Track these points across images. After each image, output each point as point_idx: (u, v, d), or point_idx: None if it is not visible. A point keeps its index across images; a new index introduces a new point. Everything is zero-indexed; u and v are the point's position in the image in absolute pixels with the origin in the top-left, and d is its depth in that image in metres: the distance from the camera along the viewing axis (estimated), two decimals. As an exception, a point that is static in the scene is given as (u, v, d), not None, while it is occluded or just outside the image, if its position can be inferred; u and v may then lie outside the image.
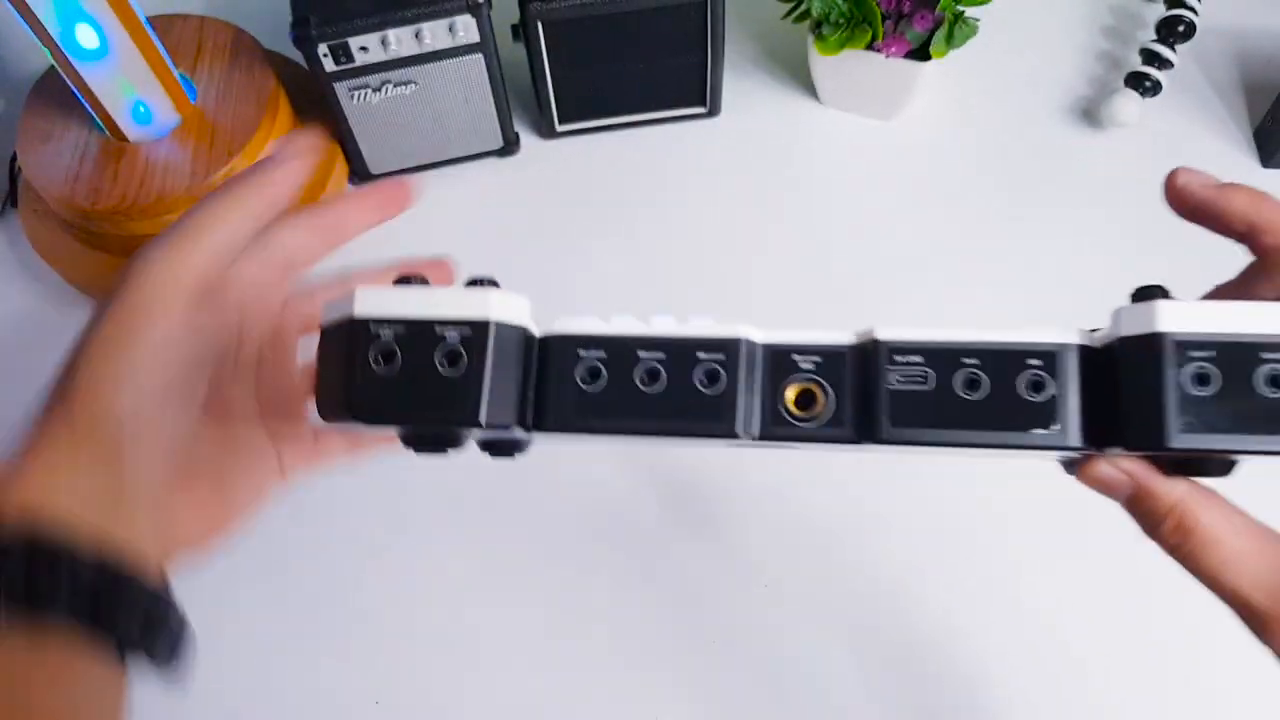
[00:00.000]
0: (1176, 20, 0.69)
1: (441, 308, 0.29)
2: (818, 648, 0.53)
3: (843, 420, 0.28)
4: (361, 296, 0.29)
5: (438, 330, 0.28)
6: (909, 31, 0.64)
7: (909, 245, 0.66)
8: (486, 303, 0.29)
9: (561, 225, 0.68)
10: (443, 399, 0.28)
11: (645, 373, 0.29)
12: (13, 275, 0.66)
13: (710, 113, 0.72)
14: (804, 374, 0.29)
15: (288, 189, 0.34)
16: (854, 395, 0.28)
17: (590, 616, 0.54)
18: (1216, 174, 0.75)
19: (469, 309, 0.29)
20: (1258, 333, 0.25)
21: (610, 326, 0.30)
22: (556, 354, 0.30)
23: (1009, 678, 0.51)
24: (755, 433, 0.29)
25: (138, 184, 0.59)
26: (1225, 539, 0.26)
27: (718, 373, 0.28)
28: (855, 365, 0.29)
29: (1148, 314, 0.26)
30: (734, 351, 0.29)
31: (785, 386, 0.29)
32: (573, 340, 0.30)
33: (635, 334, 0.29)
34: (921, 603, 0.54)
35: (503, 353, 0.28)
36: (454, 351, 0.28)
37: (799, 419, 0.29)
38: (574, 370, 0.29)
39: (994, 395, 0.27)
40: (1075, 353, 0.27)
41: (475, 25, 0.60)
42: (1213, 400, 0.25)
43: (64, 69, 0.57)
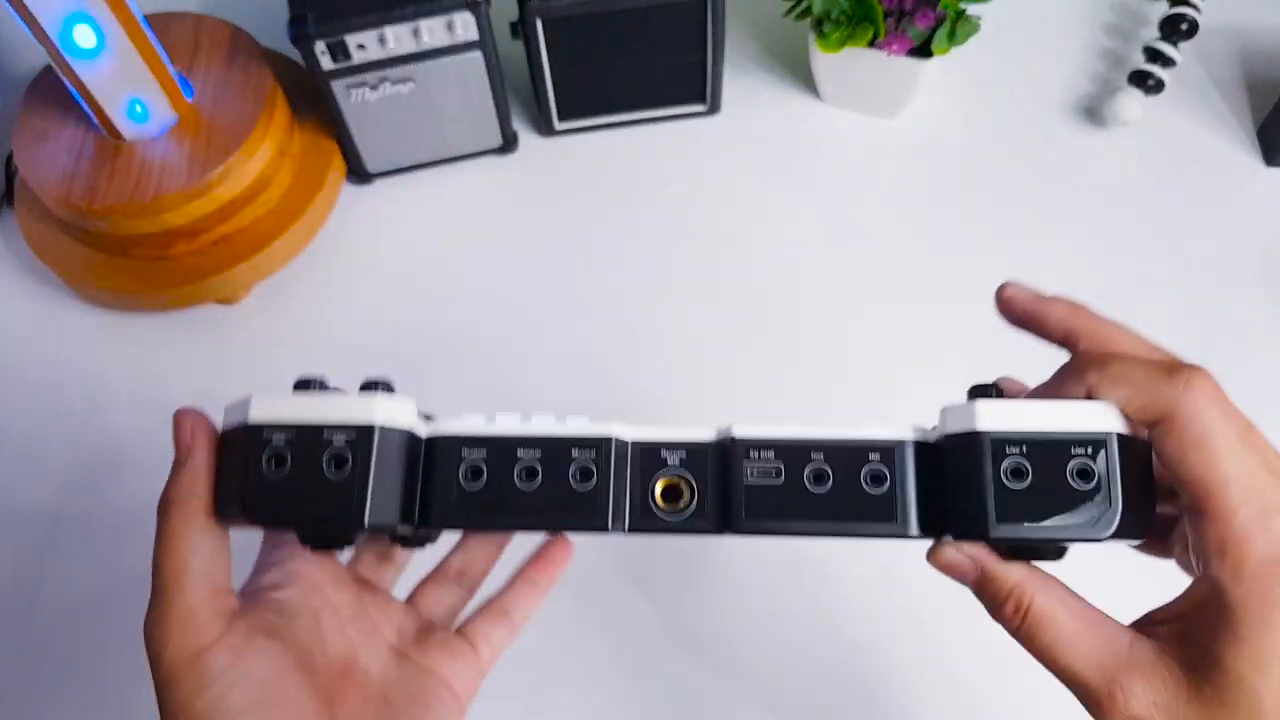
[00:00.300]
0: (1179, 18, 0.69)
1: (329, 413, 0.30)
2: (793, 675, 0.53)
3: (705, 512, 0.31)
4: (258, 403, 0.31)
5: (325, 435, 0.30)
6: (911, 29, 0.63)
7: (910, 243, 0.66)
8: (371, 408, 0.30)
9: (560, 223, 0.68)
10: (329, 501, 0.30)
11: (523, 470, 0.31)
12: (9, 274, 0.66)
13: (710, 110, 0.71)
14: (671, 469, 0.31)
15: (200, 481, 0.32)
16: (715, 488, 0.31)
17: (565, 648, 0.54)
18: (1219, 173, 0.75)
19: (354, 414, 0.30)
20: (1067, 430, 0.28)
21: (493, 426, 0.32)
22: (441, 454, 0.31)
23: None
24: (625, 526, 0.31)
25: (134, 183, 0.59)
26: (1059, 619, 0.28)
27: (590, 470, 0.31)
28: (716, 460, 0.31)
29: (969, 413, 0.28)
30: (605, 449, 0.31)
31: (654, 481, 0.31)
32: (456, 441, 0.31)
33: (514, 434, 0.31)
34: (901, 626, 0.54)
35: (386, 456, 0.30)
36: (340, 455, 0.30)
37: (665, 512, 0.31)
38: (457, 470, 0.31)
39: (838, 488, 0.30)
40: (910, 448, 0.30)
41: (474, 22, 0.60)
42: (1027, 493, 0.28)
43: (60, 67, 0.56)
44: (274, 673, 0.31)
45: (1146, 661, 0.27)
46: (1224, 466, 0.27)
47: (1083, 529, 0.28)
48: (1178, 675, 0.27)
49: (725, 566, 0.55)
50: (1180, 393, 0.27)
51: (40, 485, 0.58)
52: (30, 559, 0.56)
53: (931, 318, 0.63)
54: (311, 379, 0.32)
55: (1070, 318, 0.31)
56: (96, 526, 0.57)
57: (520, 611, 0.39)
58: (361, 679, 0.34)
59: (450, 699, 0.36)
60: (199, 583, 0.31)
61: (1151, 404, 0.27)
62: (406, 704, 0.35)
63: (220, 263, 0.61)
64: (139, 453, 0.59)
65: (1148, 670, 0.27)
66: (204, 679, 0.30)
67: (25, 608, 0.55)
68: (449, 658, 0.37)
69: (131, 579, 0.55)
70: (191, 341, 0.63)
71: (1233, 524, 0.26)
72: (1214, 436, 0.27)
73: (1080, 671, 0.28)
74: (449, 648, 0.37)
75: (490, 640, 0.38)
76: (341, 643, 0.35)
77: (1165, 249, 0.66)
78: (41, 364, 0.63)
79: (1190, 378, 0.27)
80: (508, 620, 0.39)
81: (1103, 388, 0.28)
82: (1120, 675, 0.27)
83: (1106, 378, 0.28)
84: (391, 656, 0.36)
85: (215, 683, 0.30)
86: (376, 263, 0.67)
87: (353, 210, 0.68)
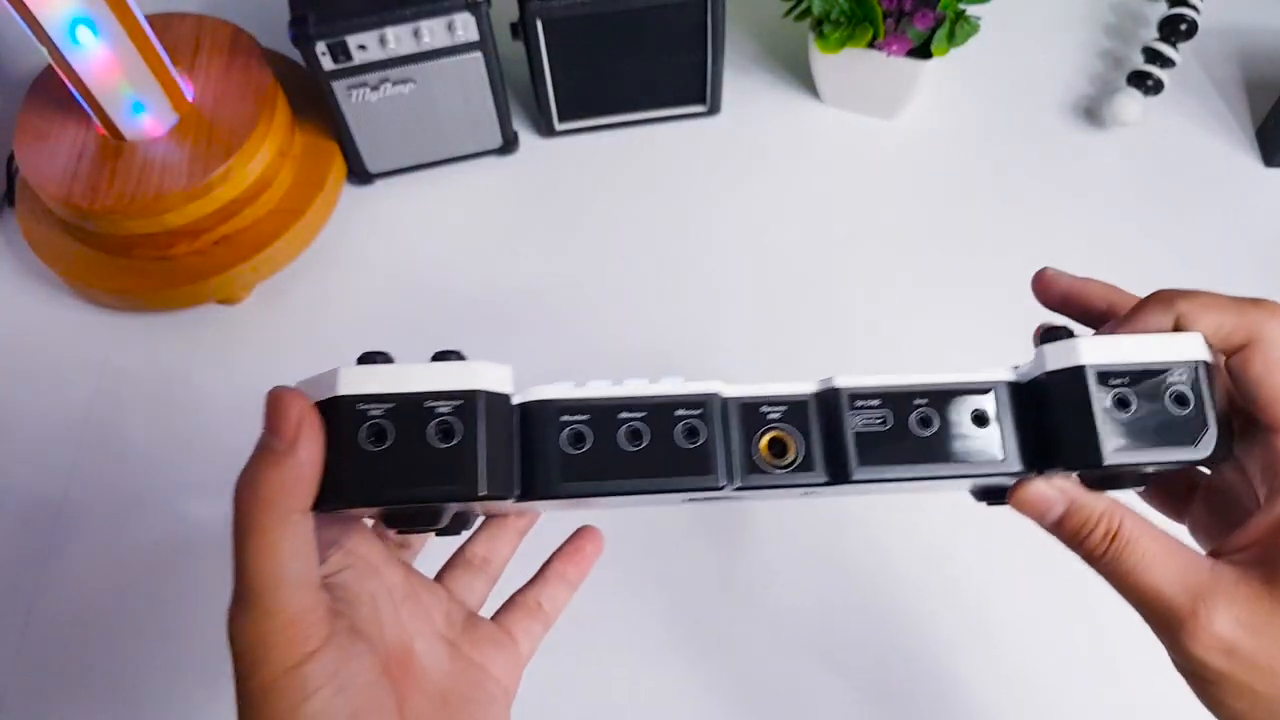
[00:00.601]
0: (1178, 19, 0.69)
1: (429, 381, 0.28)
2: (805, 659, 0.53)
3: (812, 464, 0.31)
4: (345, 375, 0.28)
5: (428, 404, 0.28)
6: (910, 30, 0.63)
7: (910, 244, 0.66)
8: (475, 373, 0.29)
9: (561, 224, 0.68)
10: (440, 474, 0.28)
11: (628, 432, 0.30)
12: (9, 274, 0.66)
13: (710, 111, 0.71)
14: (774, 424, 0.31)
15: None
16: (822, 440, 0.31)
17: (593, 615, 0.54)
18: (1219, 174, 0.76)
19: (457, 380, 0.29)
20: (1162, 359, 0.29)
21: (588, 390, 0.30)
22: (538, 420, 0.30)
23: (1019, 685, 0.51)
24: (736, 482, 0.30)
25: (135, 183, 0.59)
26: (1146, 541, 0.29)
27: (697, 429, 0.30)
28: (820, 413, 0.31)
29: (1072, 349, 0.29)
30: (711, 406, 0.30)
31: (759, 437, 0.31)
32: (554, 406, 0.30)
33: (617, 396, 0.30)
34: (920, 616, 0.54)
35: (493, 423, 0.29)
36: (446, 425, 0.28)
37: (772, 466, 0.31)
38: (559, 435, 0.30)
39: (944, 431, 0.30)
40: (1007, 388, 0.31)
41: (474, 23, 0.60)
42: (1133, 421, 0.29)
43: (61, 68, 0.56)
44: (372, 675, 0.30)
45: (1229, 582, 0.28)
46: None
47: (1186, 451, 0.29)
48: (1260, 593, 0.28)
49: (769, 524, 0.55)
50: (1266, 317, 0.29)
51: (42, 484, 0.58)
52: (32, 558, 0.56)
53: (930, 318, 0.63)
54: (376, 353, 0.30)
55: (1111, 293, 0.33)
56: (98, 525, 0.57)
57: (555, 607, 0.39)
58: (420, 674, 0.33)
59: (500, 694, 0.35)
60: (302, 587, 0.28)
61: (1240, 328, 0.29)
62: (463, 703, 0.33)
63: (221, 263, 0.61)
64: (141, 452, 0.59)
65: (1231, 590, 0.28)
66: (307, 687, 0.28)
67: (27, 605, 0.55)
68: (496, 651, 0.36)
69: (132, 578, 0.55)
70: (192, 342, 0.63)
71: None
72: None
73: (1164, 589, 0.28)
74: (496, 641, 0.36)
75: (530, 635, 0.37)
76: (397, 630, 0.33)
77: (1164, 249, 0.66)
78: (42, 364, 0.63)
79: (1270, 306, 0.29)
80: (543, 615, 0.38)
81: (1194, 313, 0.29)
82: (1204, 594, 0.28)
83: (1198, 305, 0.29)
84: (444, 648, 0.34)
85: (321, 690, 0.28)
86: (377, 263, 0.67)
87: (353, 211, 0.68)
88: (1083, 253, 0.65)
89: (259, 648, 0.27)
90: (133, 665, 0.53)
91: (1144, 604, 0.29)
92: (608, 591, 0.54)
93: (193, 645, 0.53)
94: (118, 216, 0.58)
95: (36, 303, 0.65)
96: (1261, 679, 0.28)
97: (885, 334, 0.62)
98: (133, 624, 0.54)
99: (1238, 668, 0.28)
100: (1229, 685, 0.28)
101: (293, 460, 0.27)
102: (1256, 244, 0.66)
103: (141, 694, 0.52)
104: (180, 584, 0.55)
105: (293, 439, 0.27)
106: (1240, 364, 0.29)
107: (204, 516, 0.57)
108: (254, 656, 0.27)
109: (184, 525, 0.57)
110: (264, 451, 0.28)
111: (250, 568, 0.27)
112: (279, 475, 0.27)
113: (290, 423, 0.27)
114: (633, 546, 0.56)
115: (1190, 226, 0.67)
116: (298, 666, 0.27)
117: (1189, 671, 0.29)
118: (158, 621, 0.54)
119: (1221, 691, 0.29)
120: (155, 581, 0.55)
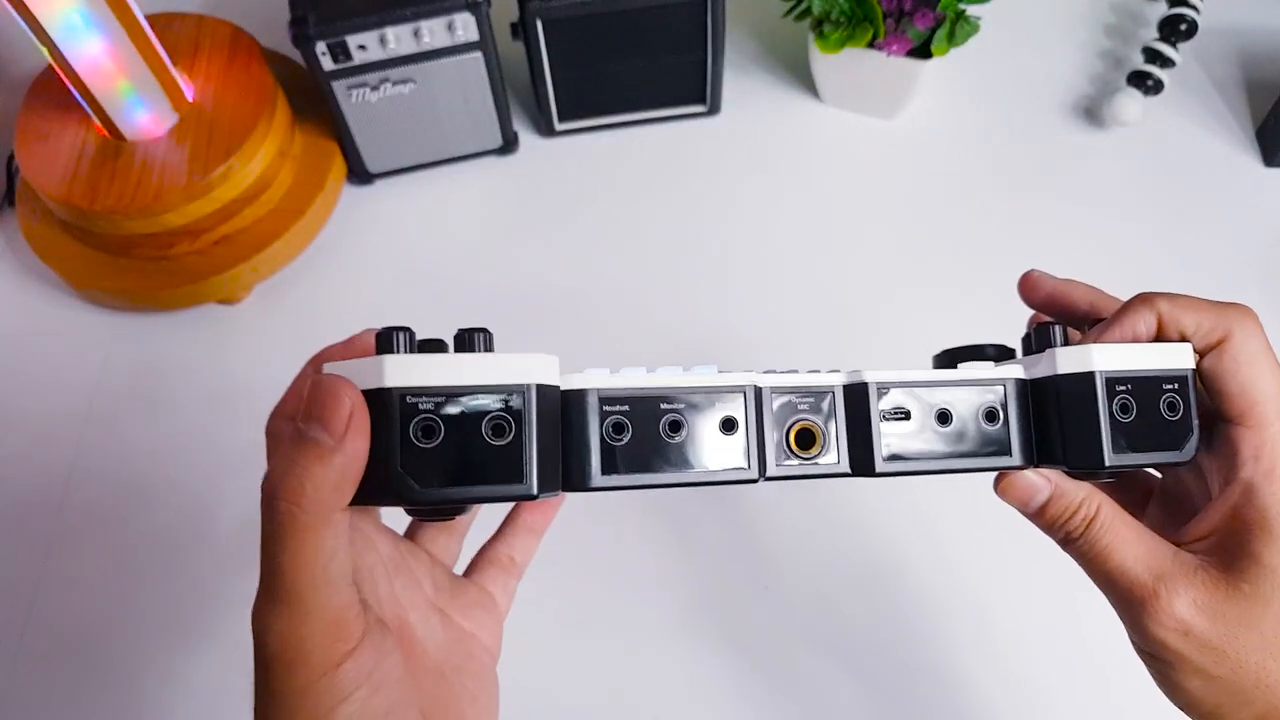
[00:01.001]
0: (1178, 19, 0.69)
1: (481, 373, 0.27)
2: (816, 648, 0.53)
3: (838, 456, 0.31)
4: (392, 364, 0.26)
5: (481, 399, 0.27)
6: (910, 30, 0.64)
7: (910, 244, 0.66)
8: (528, 366, 0.27)
9: (561, 224, 0.68)
10: (492, 473, 0.27)
11: (669, 424, 0.29)
12: (10, 274, 0.66)
13: (710, 111, 0.71)
14: (803, 415, 0.31)
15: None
16: (849, 432, 0.31)
17: (599, 605, 0.54)
18: (1219, 174, 0.75)
19: (510, 373, 0.27)
20: (1160, 368, 0.31)
21: (624, 379, 0.29)
22: (579, 409, 0.29)
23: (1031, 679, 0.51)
24: (771, 473, 0.31)
25: (135, 183, 0.59)
26: (1119, 525, 0.31)
27: (735, 421, 0.30)
28: (849, 405, 0.32)
29: (1085, 355, 0.31)
30: (748, 398, 0.30)
31: (789, 427, 0.31)
32: (597, 395, 0.29)
33: (656, 385, 0.30)
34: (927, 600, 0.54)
35: (545, 418, 0.27)
36: (499, 420, 0.27)
37: (801, 457, 0.31)
38: (600, 426, 0.29)
39: (960, 426, 0.31)
40: (1015, 386, 0.32)
41: (474, 23, 0.60)
42: (1132, 425, 0.31)
43: (61, 68, 0.56)
44: (402, 669, 0.29)
45: (1189, 567, 0.30)
46: (1268, 382, 0.31)
47: (1172, 454, 0.31)
48: (1217, 577, 0.30)
49: (783, 517, 0.55)
50: (1239, 317, 0.31)
51: (42, 483, 0.58)
52: (32, 557, 0.56)
53: (929, 317, 0.63)
54: (398, 328, 0.28)
55: (1092, 294, 0.35)
56: (99, 524, 0.57)
57: (525, 559, 0.38)
58: (420, 651, 0.32)
59: (489, 660, 0.34)
60: (343, 586, 0.27)
61: (1217, 327, 0.31)
62: (457, 674, 0.33)
63: (221, 263, 0.61)
64: (140, 451, 0.59)
65: (1190, 574, 0.30)
66: (345, 689, 0.27)
67: (27, 604, 0.55)
68: (480, 613, 0.35)
69: (133, 577, 0.55)
70: (193, 341, 0.63)
71: (1269, 431, 0.30)
72: (1262, 355, 0.31)
73: (1131, 569, 0.30)
74: (479, 603, 0.35)
75: (506, 591, 0.37)
76: (393, 604, 0.32)
77: (1164, 249, 0.66)
78: (43, 363, 0.63)
79: (1244, 309, 0.32)
80: (516, 569, 0.37)
81: (1174, 313, 0.32)
82: (1166, 577, 0.30)
83: (1178, 306, 0.32)
84: (437, 619, 0.33)
85: (358, 691, 0.27)
86: (377, 263, 0.67)
87: (353, 210, 0.68)
88: (1082, 252, 0.65)
89: (296, 649, 0.26)
90: (133, 665, 0.53)
91: (1111, 584, 0.31)
92: (621, 583, 0.55)
93: (194, 644, 0.53)
94: (118, 216, 0.58)
95: (37, 302, 0.65)
96: (1215, 661, 0.29)
97: (885, 332, 0.62)
98: (133, 623, 0.54)
99: (1193, 649, 0.29)
100: (1185, 666, 0.30)
101: (341, 456, 0.25)
102: (1256, 243, 0.66)
103: (142, 693, 0.52)
104: (180, 583, 0.55)
105: (340, 434, 0.25)
106: (1213, 360, 0.31)
107: (204, 515, 0.57)
108: (290, 658, 0.26)
109: (184, 524, 0.57)
110: (308, 444, 0.25)
111: (290, 568, 0.25)
112: (326, 472, 0.25)
113: (341, 415, 0.25)
114: (643, 538, 0.56)
115: (1190, 226, 0.67)
116: (337, 667, 0.26)
117: (1147, 653, 0.31)
118: (158, 621, 0.54)
119: (1177, 673, 0.30)
120: (155, 581, 0.55)
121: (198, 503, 0.57)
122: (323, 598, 0.26)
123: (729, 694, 0.52)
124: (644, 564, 0.55)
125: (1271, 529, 0.30)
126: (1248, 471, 0.30)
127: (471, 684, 0.33)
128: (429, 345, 0.28)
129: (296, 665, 0.26)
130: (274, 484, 0.25)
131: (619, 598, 0.54)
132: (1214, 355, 0.31)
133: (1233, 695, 0.30)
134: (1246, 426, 0.31)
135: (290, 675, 0.26)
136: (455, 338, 0.28)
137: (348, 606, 0.27)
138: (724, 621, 0.54)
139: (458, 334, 0.28)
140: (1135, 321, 0.32)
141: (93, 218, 0.59)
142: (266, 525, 0.26)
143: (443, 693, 0.32)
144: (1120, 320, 0.32)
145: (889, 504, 0.56)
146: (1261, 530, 0.30)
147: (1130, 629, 0.31)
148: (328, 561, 0.26)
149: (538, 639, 0.52)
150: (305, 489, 0.25)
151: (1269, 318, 0.68)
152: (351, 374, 0.26)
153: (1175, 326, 0.32)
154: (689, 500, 0.57)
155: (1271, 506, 0.30)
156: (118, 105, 0.59)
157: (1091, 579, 0.32)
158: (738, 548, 0.56)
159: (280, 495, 0.25)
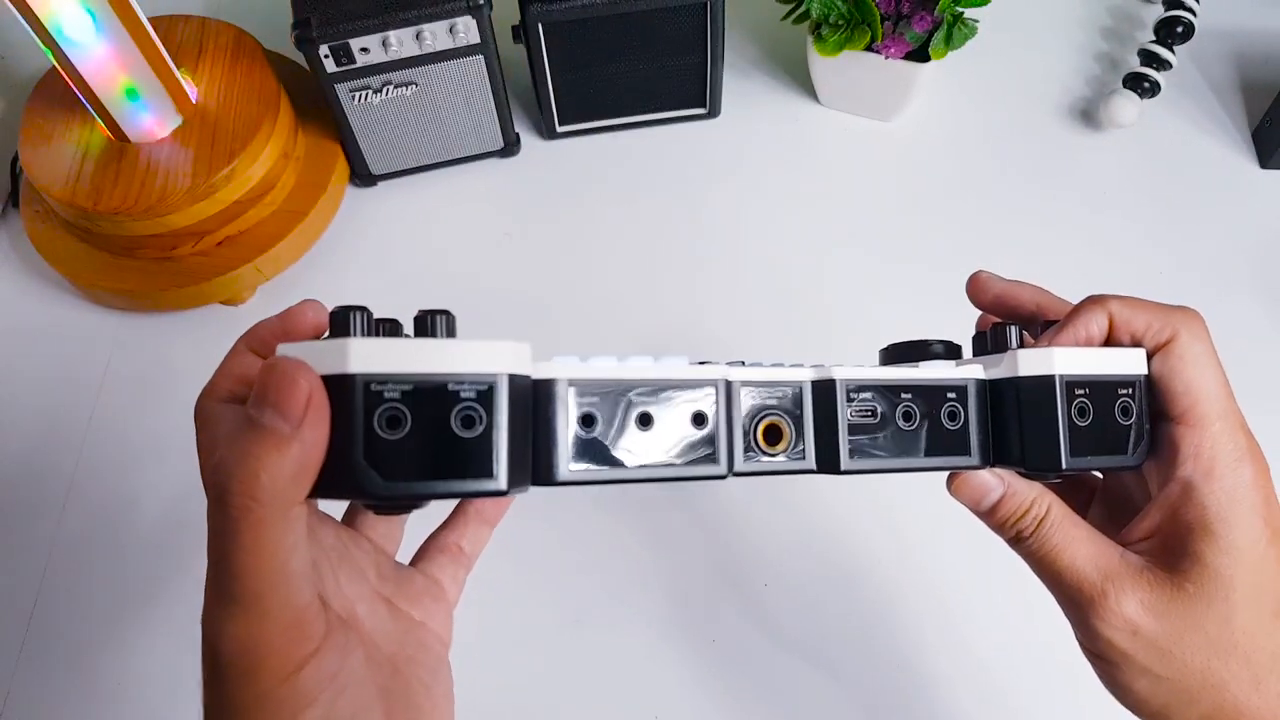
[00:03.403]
0: (1175, 21, 0.70)
1: (451, 361, 0.25)
2: (811, 648, 0.53)
3: (805, 453, 0.31)
4: (356, 348, 0.25)
5: (450, 387, 0.25)
6: (908, 32, 0.64)
7: (908, 245, 0.67)
8: (498, 354, 0.26)
9: (562, 226, 0.68)
10: (459, 467, 0.25)
11: (639, 416, 0.28)
12: (14, 275, 0.67)
13: (710, 114, 0.72)
14: (771, 410, 0.31)
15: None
16: (816, 429, 0.31)
17: (591, 607, 0.54)
18: (1215, 175, 0.76)
19: (481, 362, 0.26)
20: (1115, 373, 0.31)
21: (594, 369, 0.28)
22: (548, 399, 0.27)
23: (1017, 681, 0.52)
24: (739, 469, 0.30)
25: (139, 184, 0.59)
26: (1068, 525, 0.31)
27: (704, 415, 0.29)
28: (817, 401, 0.31)
29: (1047, 359, 0.31)
30: (720, 392, 0.29)
31: (757, 423, 0.31)
32: (566, 384, 0.28)
33: (628, 377, 0.28)
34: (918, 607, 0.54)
35: (516, 409, 0.26)
36: (469, 411, 0.25)
37: (768, 453, 0.31)
38: (569, 417, 0.27)
39: (923, 425, 0.31)
40: (976, 387, 0.32)
41: (476, 26, 0.60)
42: (1088, 429, 0.31)
43: (65, 69, 0.57)
44: (365, 669, 0.28)
45: (1136, 568, 0.31)
46: (1209, 382, 0.31)
47: (1123, 458, 0.32)
48: (1162, 577, 0.30)
49: (763, 520, 0.56)
50: (1185, 318, 0.32)
51: (45, 483, 0.59)
52: (35, 557, 0.56)
53: (928, 317, 0.63)
54: (384, 320, 0.27)
55: (1038, 295, 0.36)
56: (101, 525, 0.57)
57: (475, 549, 0.36)
58: (370, 643, 0.30)
59: (441, 649, 0.33)
60: (302, 585, 0.25)
61: (1164, 327, 0.32)
62: (410, 665, 0.31)
63: (225, 264, 0.62)
64: (143, 452, 0.60)
65: (1136, 574, 0.31)
66: (310, 692, 0.25)
67: (30, 605, 0.55)
68: (430, 602, 0.34)
69: (135, 578, 0.56)
70: (196, 342, 0.64)
71: (1210, 430, 0.31)
72: (1206, 356, 0.31)
73: (1081, 568, 0.31)
74: (427, 591, 0.34)
75: (456, 581, 0.35)
76: (339, 597, 0.30)
77: (1160, 251, 0.66)
78: (47, 364, 0.63)
79: (1192, 312, 0.32)
80: (465, 559, 0.36)
81: (1125, 314, 0.32)
82: (1114, 577, 0.30)
83: (1128, 307, 0.32)
84: (384, 608, 0.32)
85: (324, 693, 0.25)
86: (380, 264, 0.67)
87: (356, 212, 0.69)
88: (1079, 254, 0.66)
89: (254, 654, 0.24)
90: (135, 665, 0.53)
91: (1060, 583, 0.31)
92: (611, 586, 0.55)
93: (195, 645, 0.53)
94: (122, 218, 0.59)
95: (40, 303, 0.65)
96: (1161, 661, 0.30)
97: (883, 334, 0.63)
98: (135, 624, 0.54)
99: (1140, 649, 0.30)
100: (1132, 666, 0.30)
101: (299, 445, 0.23)
102: (1252, 244, 0.66)
103: (144, 693, 0.53)
104: (183, 584, 0.55)
105: (298, 419, 0.23)
106: (1160, 360, 0.32)
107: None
108: (247, 664, 0.24)
109: (186, 526, 0.57)
110: (261, 431, 0.23)
111: (246, 566, 0.24)
112: (282, 461, 0.23)
113: (298, 401, 0.23)
114: (627, 539, 0.56)
115: (1186, 227, 0.67)
116: (298, 671, 0.25)
117: (1095, 653, 0.31)
118: (159, 621, 0.54)
119: (1124, 673, 0.30)
120: (157, 581, 0.55)
121: (200, 505, 0.57)
122: (282, 597, 0.24)
123: (707, 693, 0.52)
124: (616, 562, 0.56)
125: (1211, 529, 0.30)
126: (1186, 470, 0.30)
127: (425, 675, 0.32)
128: (385, 326, 0.27)
129: (254, 671, 0.24)
130: (224, 476, 0.24)
131: (592, 598, 0.55)
132: (1160, 356, 0.32)
133: (1179, 695, 0.30)
134: (1187, 425, 0.31)
135: (247, 682, 0.24)
136: (415, 319, 0.27)
137: (308, 605, 0.25)
138: (698, 621, 0.54)
139: (418, 316, 0.27)
140: (1088, 322, 0.32)
141: (96, 219, 0.59)
142: (217, 520, 0.24)
143: (398, 686, 0.30)
144: (1074, 321, 0.32)
145: (857, 502, 0.57)
146: (1202, 530, 0.30)
147: (1077, 628, 0.31)
148: (287, 557, 0.24)
149: (507, 640, 0.53)
150: (260, 480, 0.23)
151: (1264, 317, 0.68)
152: (308, 356, 0.24)
153: (1126, 328, 0.32)
154: (656, 496, 0.57)
155: (1210, 506, 0.30)
156: (121, 107, 0.59)
157: (1040, 578, 0.32)
158: (711, 546, 0.56)
159: (232, 488, 0.23)
